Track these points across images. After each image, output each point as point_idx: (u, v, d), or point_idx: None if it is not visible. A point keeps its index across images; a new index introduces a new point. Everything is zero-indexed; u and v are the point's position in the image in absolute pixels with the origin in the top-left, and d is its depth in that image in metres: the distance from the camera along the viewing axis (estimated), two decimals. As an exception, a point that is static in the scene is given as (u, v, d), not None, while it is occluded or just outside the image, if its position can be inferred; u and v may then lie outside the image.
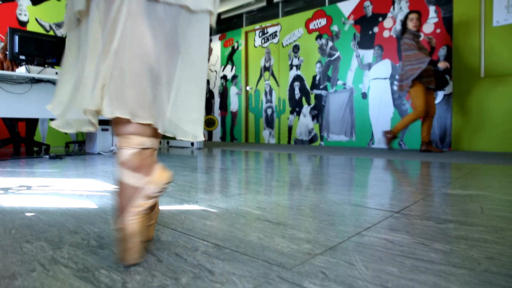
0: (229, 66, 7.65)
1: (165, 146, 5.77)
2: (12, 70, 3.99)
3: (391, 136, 4.52)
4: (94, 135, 4.15)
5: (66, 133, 5.75)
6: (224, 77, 7.72)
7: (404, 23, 4.43)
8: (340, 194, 1.64)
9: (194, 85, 0.86)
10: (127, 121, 0.79)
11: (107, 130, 4.20)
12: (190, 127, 0.85)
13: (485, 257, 0.84)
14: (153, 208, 0.89)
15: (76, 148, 4.59)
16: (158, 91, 0.82)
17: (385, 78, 5.43)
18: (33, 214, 1.25)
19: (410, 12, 4.39)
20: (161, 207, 1.35)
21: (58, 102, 0.89)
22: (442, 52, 4.94)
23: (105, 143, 4.19)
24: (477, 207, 1.38)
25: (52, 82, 3.61)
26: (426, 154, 4.08)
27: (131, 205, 0.78)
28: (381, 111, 5.47)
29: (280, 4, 7.25)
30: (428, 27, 5.05)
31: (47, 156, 3.61)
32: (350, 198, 1.55)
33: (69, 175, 2.26)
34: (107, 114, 0.75)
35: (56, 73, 3.60)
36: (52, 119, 5.50)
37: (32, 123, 4.23)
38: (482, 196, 1.61)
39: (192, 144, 5.26)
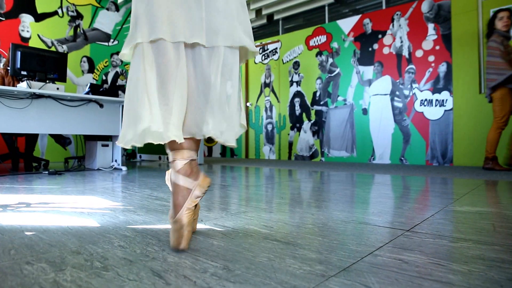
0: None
1: (165, 161, 5.73)
2: (13, 85, 3.98)
3: (492, 163, 3.88)
4: (94, 151, 4.12)
5: (65, 149, 5.72)
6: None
7: (491, 22, 3.90)
8: (346, 212, 1.60)
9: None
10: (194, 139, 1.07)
11: (107, 146, 4.17)
12: (224, 136, 1.07)
13: (506, 278, 0.81)
14: (196, 205, 1.10)
15: (76, 164, 4.55)
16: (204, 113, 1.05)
17: (385, 94, 5.45)
18: (33, 233, 1.21)
19: (500, 10, 3.86)
20: (164, 226, 1.32)
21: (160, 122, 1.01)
22: (441, 68, 4.97)
23: (105, 159, 4.15)
24: (489, 225, 1.34)
25: (53, 98, 3.59)
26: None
27: (185, 203, 1.01)
28: (381, 127, 5.47)
29: (280, 22, 7.33)
30: (427, 44, 5.10)
31: (46, 172, 3.57)
32: (358, 216, 1.51)
33: (69, 192, 2.22)
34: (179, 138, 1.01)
35: (57, 88, 3.60)
36: (51, 135, 5.48)
37: (31, 139, 4.20)
38: (492, 213, 1.57)
39: (193, 160, 5.22)
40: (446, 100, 4.92)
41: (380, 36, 5.55)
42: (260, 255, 0.97)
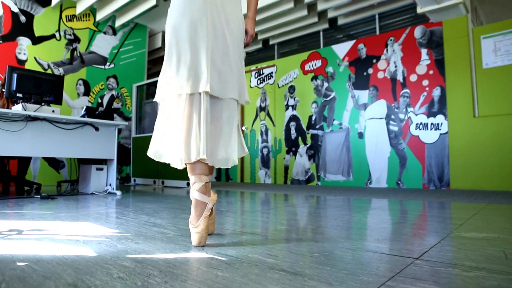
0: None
1: (160, 186, 5.65)
2: (8, 107, 3.94)
3: None
4: (88, 174, 4.04)
5: (59, 172, 5.62)
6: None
7: None
8: (351, 239, 1.56)
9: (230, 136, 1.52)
10: (199, 163, 1.43)
11: (101, 169, 4.10)
12: (231, 160, 1.49)
13: (531, 313, 0.77)
14: (211, 213, 1.58)
15: (68, 188, 4.46)
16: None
17: (381, 118, 5.48)
18: (25, 263, 1.14)
19: None
20: (165, 256, 1.26)
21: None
22: (436, 92, 5.03)
23: (99, 183, 4.07)
24: (499, 252, 1.30)
25: (48, 120, 3.55)
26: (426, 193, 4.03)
27: (203, 213, 1.40)
28: (378, 151, 5.47)
29: (275, 46, 7.44)
30: (421, 69, 5.18)
31: (38, 196, 3.48)
32: (363, 243, 1.47)
33: (62, 218, 2.15)
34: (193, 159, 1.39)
35: (53, 111, 3.56)
36: (44, 158, 5.39)
37: (24, 162, 4.12)
38: (500, 239, 1.54)
39: (188, 184, 5.15)
40: (441, 123, 4.95)
41: (374, 61, 5.64)
42: (268, 286, 0.92)
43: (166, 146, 1.46)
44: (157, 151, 1.48)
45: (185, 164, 1.42)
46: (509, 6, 6.43)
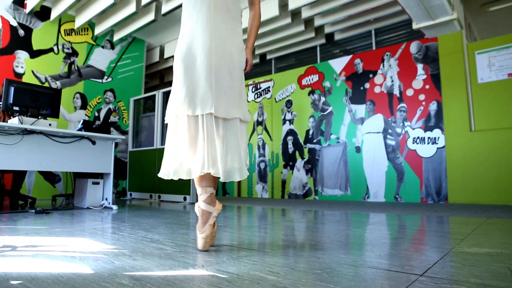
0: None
1: (157, 200, 5.59)
2: (4, 121, 3.91)
3: None
4: (84, 189, 3.99)
5: (54, 186, 5.56)
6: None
7: None
8: (352, 255, 1.53)
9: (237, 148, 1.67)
10: (207, 177, 1.61)
11: (98, 183, 4.06)
12: (237, 174, 1.62)
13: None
14: (214, 225, 1.69)
15: (64, 202, 4.40)
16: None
17: (378, 132, 5.50)
18: (20, 282, 1.11)
19: None
20: (164, 273, 1.23)
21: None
22: (432, 106, 5.07)
23: (95, 197, 4.02)
24: (504, 268, 1.28)
25: (45, 134, 3.52)
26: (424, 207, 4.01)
27: (208, 221, 1.58)
28: (375, 165, 5.47)
29: (273, 61, 7.50)
30: (417, 83, 5.22)
31: (33, 211, 3.42)
32: (365, 259, 1.44)
33: (57, 233, 2.11)
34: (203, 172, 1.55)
35: (50, 124, 3.54)
36: (40, 172, 5.34)
37: (19, 175, 4.07)
38: (503, 255, 1.52)
39: (185, 198, 5.11)
40: (438, 137, 4.97)
41: (371, 75, 5.69)
42: (272, 306, 0.90)
43: (175, 162, 1.60)
44: (168, 171, 1.61)
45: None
46: (501, 23, 6.56)
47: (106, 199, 4.08)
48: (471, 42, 5.60)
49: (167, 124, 1.70)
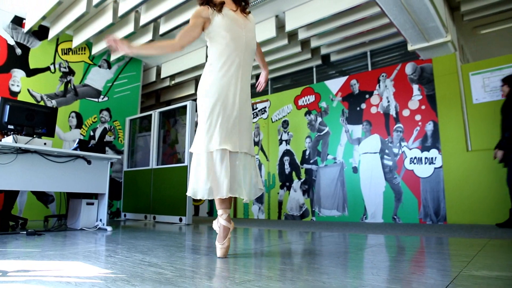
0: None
1: (152, 221, 5.48)
2: (-3, 140, 3.84)
3: None
4: (78, 209, 3.90)
5: (47, 207, 5.44)
6: (213, 150, 7.69)
7: None
8: (358, 279, 1.48)
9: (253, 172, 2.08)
10: (228, 200, 2.03)
11: (92, 204, 3.97)
12: (253, 192, 2.06)
13: None
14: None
15: (56, 223, 4.28)
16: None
17: (375, 153, 5.49)
18: (12, 309, 1.04)
19: None
20: (165, 298, 1.17)
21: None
22: (428, 127, 5.09)
23: (89, 218, 3.92)
24: (518, 294, 1.24)
25: (39, 153, 3.46)
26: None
27: (228, 234, 1.99)
28: (372, 185, 5.44)
29: (269, 81, 7.55)
30: (413, 104, 5.26)
31: (24, 232, 3.32)
32: (372, 284, 1.39)
33: (51, 256, 2.02)
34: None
35: (45, 143, 3.48)
36: (32, 192, 5.22)
37: (11, 195, 3.97)
38: (514, 279, 1.47)
39: (181, 219, 5.01)
40: (435, 157, 4.97)
41: (367, 96, 5.73)
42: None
43: (201, 186, 1.93)
44: (195, 191, 1.94)
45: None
46: (492, 46, 6.70)
47: (101, 220, 3.98)
48: (465, 63, 5.69)
49: (190, 153, 2.05)
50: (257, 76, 7.50)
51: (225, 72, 2.01)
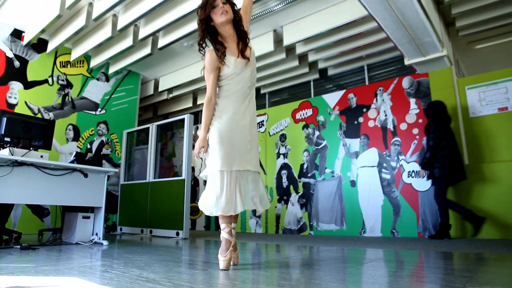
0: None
1: (148, 235, 5.42)
2: (-7, 153, 3.80)
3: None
4: (73, 223, 3.85)
5: (42, 221, 5.36)
6: (210, 163, 7.65)
7: None
8: (362, 294, 1.45)
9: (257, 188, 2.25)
10: (234, 215, 2.18)
11: (88, 217, 3.91)
12: (264, 204, 2.25)
13: None
14: (235, 249, 2.23)
15: (51, 237, 4.22)
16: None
17: (373, 166, 5.49)
18: (7, 327, 1.01)
19: None
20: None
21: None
22: (426, 140, 5.08)
23: (85, 232, 3.86)
24: (523, 311, 1.22)
25: (36, 166, 3.42)
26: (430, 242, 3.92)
27: (229, 247, 2.09)
28: (371, 199, 5.41)
29: (267, 95, 7.58)
30: (410, 117, 5.29)
31: (18, 246, 3.26)
32: (376, 300, 1.36)
33: (46, 272, 1.98)
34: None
35: (41, 156, 3.45)
36: (27, 205, 5.16)
37: (5, 209, 3.91)
38: (518, 295, 1.45)
39: (177, 234, 4.95)
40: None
41: (364, 110, 5.75)
42: None
43: (213, 203, 2.09)
44: (210, 209, 2.10)
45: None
46: (487, 60, 6.79)
47: (97, 234, 3.92)
48: (460, 78, 5.74)
49: (206, 176, 2.20)
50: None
51: (230, 107, 2.23)
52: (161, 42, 5.41)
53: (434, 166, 4.43)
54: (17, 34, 5.53)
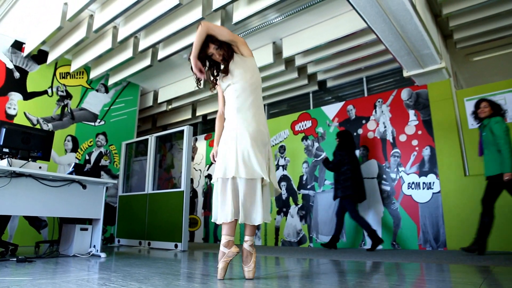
0: (213, 166, 7.62)
1: (146, 247, 5.35)
2: (-9, 164, 3.78)
3: None
4: (71, 235, 3.80)
5: (40, 233, 5.30)
6: (209, 176, 7.63)
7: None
8: (367, 308, 1.42)
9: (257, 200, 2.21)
10: (226, 226, 2.18)
11: (86, 229, 3.87)
12: (258, 218, 2.18)
13: None
14: (246, 263, 2.23)
15: (48, 249, 4.16)
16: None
17: (372, 178, 5.47)
18: None
19: None
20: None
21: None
22: (425, 152, 5.10)
23: (82, 244, 3.81)
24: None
25: (34, 177, 3.39)
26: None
27: (222, 258, 2.16)
28: (371, 211, 5.38)
29: (266, 107, 7.60)
30: (409, 129, 5.29)
31: (14, 259, 3.21)
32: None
33: (42, 285, 1.94)
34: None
35: (40, 167, 3.42)
36: (25, 217, 5.10)
37: (2, 221, 3.87)
38: (525, 309, 1.42)
39: (176, 246, 4.90)
40: (433, 182, 4.95)
41: (364, 121, 5.76)
42: None
43: (214, 210, 2.25)
44: (215, 217, 2.22)
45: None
46: (485, 72, 6.84)
47: (94, 246, 3.87)
48: (459, 89, 5.77)
49: (212, 184, 2.20)
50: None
51: (227, 125, 2.39)
52: (161, 54, 5.44)
53: (336, 187, 5.05)
54: (17, 46, 5.55)
